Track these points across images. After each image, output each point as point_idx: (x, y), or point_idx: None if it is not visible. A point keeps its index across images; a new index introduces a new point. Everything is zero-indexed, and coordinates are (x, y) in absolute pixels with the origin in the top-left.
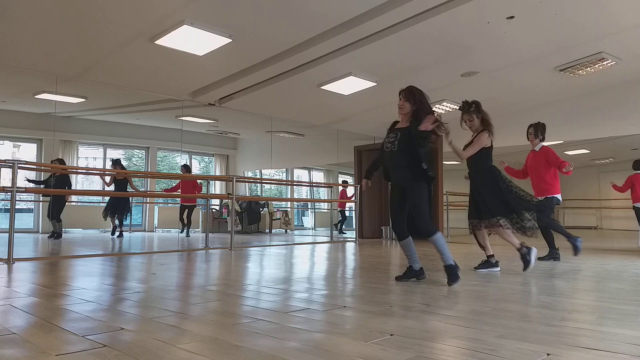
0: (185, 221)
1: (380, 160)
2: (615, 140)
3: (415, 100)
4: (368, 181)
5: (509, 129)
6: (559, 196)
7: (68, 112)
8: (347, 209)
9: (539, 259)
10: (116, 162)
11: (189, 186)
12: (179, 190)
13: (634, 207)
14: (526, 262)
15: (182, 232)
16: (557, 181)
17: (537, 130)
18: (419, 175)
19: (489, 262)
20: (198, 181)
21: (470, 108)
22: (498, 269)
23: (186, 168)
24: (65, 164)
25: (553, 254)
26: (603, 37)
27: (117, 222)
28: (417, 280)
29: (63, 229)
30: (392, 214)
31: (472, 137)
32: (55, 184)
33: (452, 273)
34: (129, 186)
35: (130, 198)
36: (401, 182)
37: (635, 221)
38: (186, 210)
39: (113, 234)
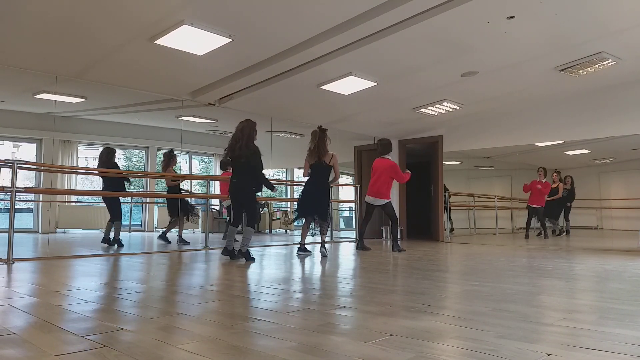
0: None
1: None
2: (615, 140)
3: None
4: None
5: (508, 129)
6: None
7: (68, 112)
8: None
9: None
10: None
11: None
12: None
13: (527, 207)
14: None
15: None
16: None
17: None
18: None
19: (306, 248)
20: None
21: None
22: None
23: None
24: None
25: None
26: (603, 37)
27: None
28: (231, 259)
29: (63, 229)
30: (239, 208)
31: (328, 157)
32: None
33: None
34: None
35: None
36: (243, 187)
37: (635, 221)
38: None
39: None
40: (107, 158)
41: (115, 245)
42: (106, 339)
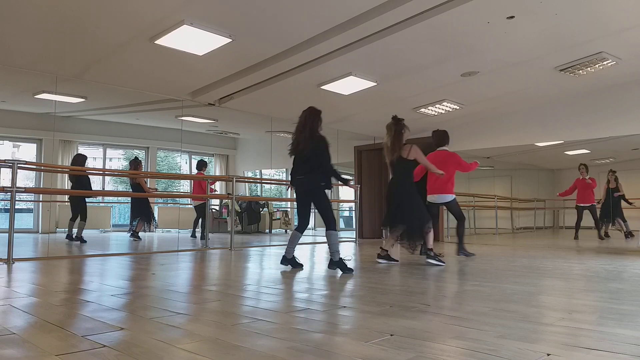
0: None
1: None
2: (615, 140)
3: None
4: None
5: (508, 129)
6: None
7: (68, 112)
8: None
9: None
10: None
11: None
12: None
13: (576, 207)
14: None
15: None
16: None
17: None
18: None
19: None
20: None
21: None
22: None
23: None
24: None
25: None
26: (603, 37)
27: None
28: (293, 267)
29: (63, 229)
30: (305, 209)
31: (406, 151)
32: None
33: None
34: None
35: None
36: (311, 184)
37: (635, 221)
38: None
39: (132, 235)
40: (77, 164)
41: (79, 241)
42: (106, 339)
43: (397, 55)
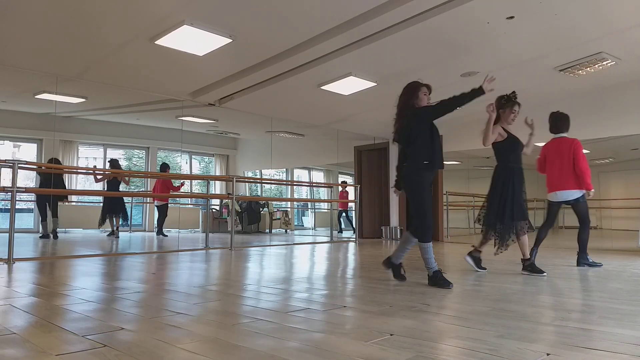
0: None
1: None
2: (615, 140)
3: None
4: None
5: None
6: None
7: (68, 112)
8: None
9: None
10: (111, 162)
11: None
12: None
13: None
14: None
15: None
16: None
17: None
18: None
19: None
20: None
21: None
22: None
23: (164, 167)
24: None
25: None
26: (603, 37)
27: (114, 221)
28: (395, 277)
29: (63, 229)
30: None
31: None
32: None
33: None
34: (122, 186)
35: (125, 199)
36: (407, 173)
37: (635, 221)
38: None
39: (112, 234)
40: None
41: (51, 237)
42: (106, 339)
43: (397, 55)
